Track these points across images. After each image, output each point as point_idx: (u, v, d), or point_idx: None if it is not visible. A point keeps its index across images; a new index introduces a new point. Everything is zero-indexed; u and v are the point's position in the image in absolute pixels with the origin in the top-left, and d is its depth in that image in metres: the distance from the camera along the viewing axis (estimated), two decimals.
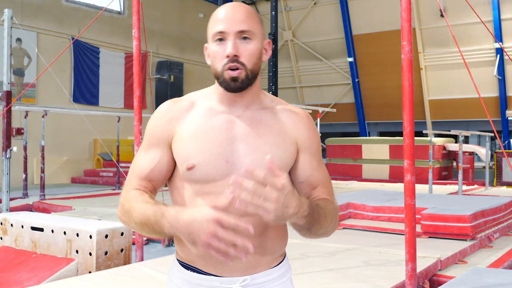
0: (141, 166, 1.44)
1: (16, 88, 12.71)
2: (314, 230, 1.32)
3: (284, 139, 1.41)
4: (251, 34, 1.36)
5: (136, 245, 4.58)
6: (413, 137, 3.34)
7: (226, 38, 1.35)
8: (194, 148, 1.37)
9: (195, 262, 1.39)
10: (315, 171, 1.45)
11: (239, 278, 1.37)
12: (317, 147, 1.48)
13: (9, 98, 7.31)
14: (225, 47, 1.34)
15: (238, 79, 1.34)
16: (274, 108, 1.46)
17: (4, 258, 4.50)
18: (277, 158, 1.37)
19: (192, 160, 1.36)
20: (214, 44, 1.37)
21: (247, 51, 1.35)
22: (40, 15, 13.72)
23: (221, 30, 1.34)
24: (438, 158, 14.30)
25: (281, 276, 1.45)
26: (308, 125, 1.46)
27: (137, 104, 4.61)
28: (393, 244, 5.15)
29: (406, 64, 3.35)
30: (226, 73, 1.35)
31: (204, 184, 1.37)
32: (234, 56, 1.33)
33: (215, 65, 1.37)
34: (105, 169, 14.08)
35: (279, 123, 1.43)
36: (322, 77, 19.07)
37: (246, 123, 1.40)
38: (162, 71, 16.80)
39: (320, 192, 1.45)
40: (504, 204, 6.37)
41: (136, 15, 4.58)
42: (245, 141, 1.38)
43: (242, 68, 1.34)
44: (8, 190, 7.22)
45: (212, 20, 1.38)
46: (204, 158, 1.36)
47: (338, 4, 17.74)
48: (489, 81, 15.70)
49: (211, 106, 1.43)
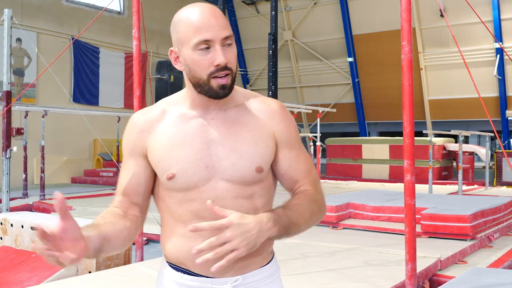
0: (120, 181, 1.45)
1: (16, 88, 12.71)
2: (293, 232, 1.32)
3: (261, 134, 1.38)
4: (232, 38, 1.33)
5: (136, 245, 4.58)
6: (413, 137, 3.34)
7: (211, 46, 1.30)
8: (171, 157, 1.35)
9: (185, 263, 1.37)
10: (294, 162, 1.42)
11: (231, 278, 1.35)
12: (294, 137, 1.44)
13: (9, 98, 7.31)
14: (213, 56, 1.30)
15: (227, 86, 1.32)
16: (247, 103, 1.42)
17: (4, 258, 4.50)
18: (256, 156, 1.35)
19: (172, 170, 1.34)
20: (196, 52, 1.30)
21: (232, 56, 1.33)
22: (40, 15, 13.72)
23: (207, 39, 1.29)
24: (438, 158, 14.30)
25: (272, 275, 1.44)
26: (282, 116, 1.42)
27: (137, 104, 4.61)
28: (393, 244, 5.15)
29: (406, 64, 3.35)
30: (214, 81, 1.31)
31: (187, 191, 1.35)
32: (225, 64, 1.30)
33: (197, 73, 1.32)
34: (105, 169, 14.09)
35: (254, 119, 1.40)
36: (322, 77, 19.07)
37: (221, 124, 1.38)
38: (162, 71, 16.81)
39: (302, 183, 1.43)
40: (504, 204, 6.37)
41: (136, 15, 4.58)
42: (222, 143, 1.35)
43: (229, 73, 1.32)
44: (8, 190, 7.22)
45: (190, 25, 1.31)
46: (183, 166, 1.34)
47: (338, 4, 17.74)
48: (489, 81, 15.70)
49: (182, 112, 1.40)
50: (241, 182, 1.35)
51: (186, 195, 1.36)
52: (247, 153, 1.35)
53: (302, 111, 17.12)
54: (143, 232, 4.64)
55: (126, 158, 1.44)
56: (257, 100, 1.44)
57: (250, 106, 1.42)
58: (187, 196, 1.36)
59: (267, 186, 1.41)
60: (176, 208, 1.38)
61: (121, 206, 1.43)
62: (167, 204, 1.40)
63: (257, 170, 1.35)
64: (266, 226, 1.22)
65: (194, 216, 1.35)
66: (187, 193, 1.35)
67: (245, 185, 1.35)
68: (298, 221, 1.32)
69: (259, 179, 1.37)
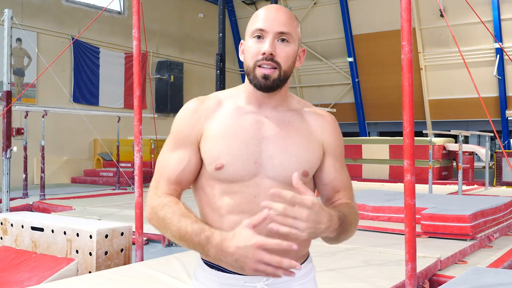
0: (169, 167, 1.42)
1: (16, 88, 12.71)
2: (341, 238, 1.36)
3: (312, 141, 1.43)
4: (290, 37, 1.36)
5: (136, 245, 4.58)
6: (413, 137, 3.34)
7: (264, 37, 1.35)
8: (222, 148, 1.37)
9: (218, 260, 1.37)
10: (339, 174, 1.48)
11: (263, 277, 1.36)
12: (341, 150, 1.50)
13: (9, 98, 7.31)
14: (262, 45, 1.35)
15: (270, 77, 1.35)
16: (301, 110, 1.47)
17: (4, 258, 4.50)
18: (304, 160, 1.39)
19: (221, 160, 1.36)
20: (251, 40, 1.37)
21: (284, 52, 1.36)
22: (40, 15, 13.72)
23: (261, 28, 1.35)
24: (438, 158, 14.30)
25: (304, 276, 1.45)
26: (334, 128, 1.48)
27: (137, 104, 4.61)
28: (393, 244, 5.15)
29: (406, 64, 3.35)
30: (258, 70, 1.35)
31: (232, 183, 1.37)
32: (270, 54, 1.34)
33: (247, 60, 1.37)
34: (105, 169, 14.08)
35: (307, 126, 1.44)
36: (322, 77, 19.07)
37: (275, 124, 1.40)
38: (162, 71, 16.80)
39: (342, 195, 1.47)
40: (504, 204, 6.37)
41: (136, 15, 4.58)
42: (273, 142, 1.38)
43: (277, 67, 1.35)
44: (8, 190, 7.22)
45: (254, 17, 1.40)
46: (233, 158, 1.36)
47: (338, 4, 17.74)
48: (489, 81, 15.70)
49: (239, 105, 1.43)
50: (286, 182, 1.36)
51: (230, 186, 1.37)
52: (296, 155, 1.38)
53: None
54: (143, 232, 4.64)
55: (178, 143, 1.42)
56: (312, 109, 1.50)
57: (304, 113, 1.47)
58: (231, 188, 1.37)
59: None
60: (216, 199, 1.39)
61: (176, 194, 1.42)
62: (208, 195, 1.41)
63: (304, 173, 1.39)
64: (334, 225, 1.25)
65: (233, 209, 1.37)
66: (231, 185, 1.37)
67: (288, 186, 1.35)
68: (348, 229, 1.35)
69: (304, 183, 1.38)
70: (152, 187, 1.43)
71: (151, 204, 1.38)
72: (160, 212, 1.35)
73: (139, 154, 4.56)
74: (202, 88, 17.95)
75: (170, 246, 6.01)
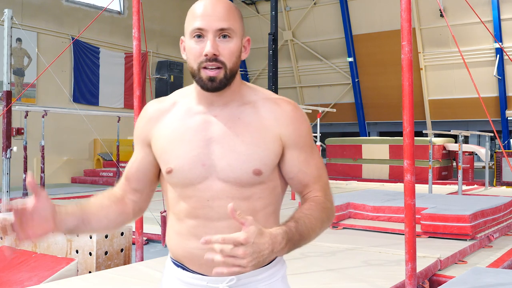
0: (126, 166, 1.49)
1: (16, 88, 12.71)
2: (302, 245, 1.28)
3: (264, 136, 1.34)
4: (231, 32, 1.30)
5: (136, 245, 4.58)
6: (413, 137, 3.34)
7: (204, 35, 1.29)
8: (171, 152, 1.35)
9: (183, 260, 1.39)
10: (304, 166, 1.38)
11: (226, 277, 1.33)
12: (305, 140, 1.38)
13: (9, 98, 7.31)
14: (203, 45, 1.29)
15: (216, 79, 1.29)
16: (256, 102, 1.37)
17: (4, 258, 4.50)
18: (254, 158, 1.32)
19: (170, 164, 1.35)
20: (191, 40, 1.31)
21: (226, 49, 1.30)
22: (40, 15, 13.72)
23: (199, 27, 1.29)
24: (438, 158, 14.30)
25: (271, 277, 1.39)
26: (292, 117, 1.36)
27: (137, 104, 4.61)
28: (393, 244, 5.15)
29: (406, 64, 3.35)
30: (203, 71, 1.30)
31: (185, 188, 1.35)
32: (213, 55, 1.28)
33: (190, 62, 1.32)
34: (105, 169, 14.08)
35: (260, 119, 1.35)
36: (322, 77, 19.07)
37: (223, 122, 1.34)
38: (162, 71, 16.81)
39: (312, 188, 1.39)
40: (504, 204, 6.37)
41: (136, 15, 4.58)
42: (221, 142, 1.33)
43: (222, 67, 1.29)
44: (8, 190, 7.22)
45: (190, 14, 1.33)
46: (180, 162, 1.33)
47: (338, 4, 17.74)
48: (489, 81, 15.70)
49: (189, 106, 1.39)
50: (238, 183, 1.32)
51: (183, 191, 1.36)
52: (245, 154, 1.32)
53: None
54: (143, 232, 4.64)
55: (135, 144, 1.48)
56: (269, 100, 1.38)
57: (259, 105, 1.37)
58: (184, 193, 1.36)
59: (269, 188, 1.38)
60: (174, 204, 1.39)
61: (121, 189, 1.48)
62: (169, 200, 1.42)
63: (255, 172, 1.32)
64: (279, 247, 1.18)
65: (189, 214, 1.35)
66: (183, 189, 1.36)
67: (242, 187, 1.33)
68: (309, 234, 1.29)
69: (259, 181, 1.34)
70: None
71: None
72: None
73: None
74: None
75: None
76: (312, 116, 19.33)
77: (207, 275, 1.35)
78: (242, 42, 1.36)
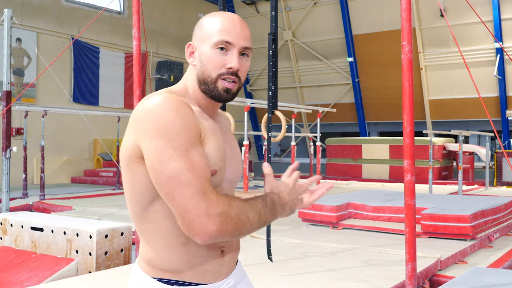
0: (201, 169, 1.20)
1: (16, 88, 12.71)
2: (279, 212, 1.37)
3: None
4: (249, 52, 1.39)
5: (136, 245, 4.58)
6: (413, 137, 3.34)
7: (229, 49, 1.34)
8: (214, 152, 1.30)
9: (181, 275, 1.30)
10: None
11: (224, 280, 1.37)
12: None
13: (9, 98, 7.31)
14: (228, 58, 1.34)
15: (231, 91, 1.36)
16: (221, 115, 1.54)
17: (4, 258, 4.50)
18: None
19: (215, 166, 1.30)
20: (214, 50, 1.34)
21: (244, 67, 1.38)
22: (40, 15, 13.72)
23: (228, 40, 1.33)
24: (438, 158, 14.30)
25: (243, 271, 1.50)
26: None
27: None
28: (393, 244, 5.15)
29: (406, 64, 3.35)
30: (220, 82, 1.35)
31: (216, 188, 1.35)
32: (236, 70, 1.35)
33: (208, 70, 1.34)
34: (105, 169, 14.08)
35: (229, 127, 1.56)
36: (322, 77, 19.07)
37: (222, 128, 1.45)
38: (162, 71, 16.81)
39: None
40: (504, 204, 6.36)
41: (136, 15, 4.58)
42: (229, 145, 1.42)
43: (237, 82, 1.37)
44: (8, 190, 7.21)
45: (215, 25, 1.34)
46: (222, 164, 1.34)
47: (338, 4, 17.73)
48: (489, 81, 15.69)
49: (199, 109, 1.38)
50: (236, 183, 1.44)
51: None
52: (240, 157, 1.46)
53: (302, 111, 17.12)
54: None
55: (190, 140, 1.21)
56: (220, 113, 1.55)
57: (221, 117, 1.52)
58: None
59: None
60: None
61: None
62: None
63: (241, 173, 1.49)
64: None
65: None
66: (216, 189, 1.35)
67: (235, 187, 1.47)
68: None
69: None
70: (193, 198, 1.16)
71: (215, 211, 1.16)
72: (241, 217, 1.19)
73: None
74: None
75: None
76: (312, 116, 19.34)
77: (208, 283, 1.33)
78: None
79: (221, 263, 1.35)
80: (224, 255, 1.36)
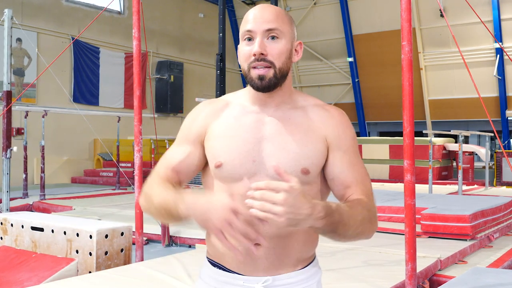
0: (171, 157, 1.47)
1: (16, 88, 12.71)
2: (340, 232, 1.25)
3: (312, 137, 1.39)
4: (279, 33, 1.36)
5: (136, 245, 4.58)
6: (413, 137, 3.34)
7: (254, 37, 1.36)
8: (222, 146, 1.39)
9: (221, 259, 1.41)
10: (347, 169, 1.41)
11: (262, 278, 1.37)
12: (349, 144, 1.43)
13: (9, 98, 7.31)
14: (253, 46, 1.35)
15: (265, 77, 1.35)
16: (307, 107, 1.44)
17: (4, 258, 4.50)
18: (303, 157, 1.36)
19: (220, 158, 1.38)
20: (243, 43, 1.38)
21: (275, 49, 1.35)
22: (40, 15, 13.71)
23: (249, 29, 1.36)
24: (438, 158, 14.29)
25: (306, 280, 1.42)
26: (338, 122, 1.43)
27: (137, 104, 4.61)
28: (393, 244, 5.15)
29: (406, 64, 3.35)
30: (252, 71, 1.36)
31: (232, 183, 1.37)
32: (260, 54, 1.34)
33: (242, 63, 1.39)
34: (105, 169, 14.08)
35: (308, 121, 1.41)
36: (322, 77, 19.07)
37: (275, 122, 1.40)
38: (162, 71, 16.80)
39: (354, 191, 1.40)
40: (504, 204, 6.37)
41: (136, 15, 4.58)
42: (272, 141, 1.38)
43: (270, 66, 1.35)
44: (8, 190, 7.22)
45: (243, 20, 1.40)
46: (231, 156, 1.37)
47: (338, 4, 17.74)
48: (489, 81, 15.70)
49: (243, 106, 1.44)
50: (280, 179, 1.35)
51: (230, 187, 1.37)
52: (294, 152, 1.36)
53: None
54: (143, 232, 4.64)
55: (184, 139, 1.48)
56: (318, 106, 1.46)
57: (308, 109, 1.44)
58: (231, 189, 1.37)
59: (314, 191, 1.40)
60: None
61: (170, 180, 1.43)
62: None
63: (303, 171, 1.36)
64: (318, 214, 1.16)
65: None
66: (231, 184, 1.37)
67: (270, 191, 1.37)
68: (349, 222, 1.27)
69: (306, 182, 1.36)
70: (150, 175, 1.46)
71: (143, 187, 1.43)
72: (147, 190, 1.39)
73: (139, 154, 4.56)
74: (202, 88, 17.95)
75: (170, 246, 6.02)
76: None
77: (244, 275, 1.38)
78: (293, 45, 1.41)
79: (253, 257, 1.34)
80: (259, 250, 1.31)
